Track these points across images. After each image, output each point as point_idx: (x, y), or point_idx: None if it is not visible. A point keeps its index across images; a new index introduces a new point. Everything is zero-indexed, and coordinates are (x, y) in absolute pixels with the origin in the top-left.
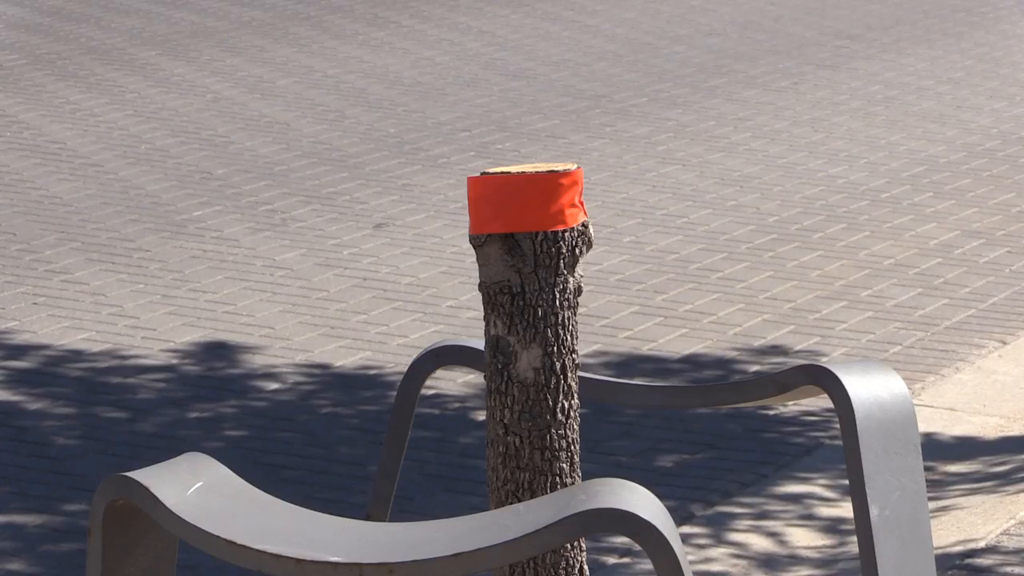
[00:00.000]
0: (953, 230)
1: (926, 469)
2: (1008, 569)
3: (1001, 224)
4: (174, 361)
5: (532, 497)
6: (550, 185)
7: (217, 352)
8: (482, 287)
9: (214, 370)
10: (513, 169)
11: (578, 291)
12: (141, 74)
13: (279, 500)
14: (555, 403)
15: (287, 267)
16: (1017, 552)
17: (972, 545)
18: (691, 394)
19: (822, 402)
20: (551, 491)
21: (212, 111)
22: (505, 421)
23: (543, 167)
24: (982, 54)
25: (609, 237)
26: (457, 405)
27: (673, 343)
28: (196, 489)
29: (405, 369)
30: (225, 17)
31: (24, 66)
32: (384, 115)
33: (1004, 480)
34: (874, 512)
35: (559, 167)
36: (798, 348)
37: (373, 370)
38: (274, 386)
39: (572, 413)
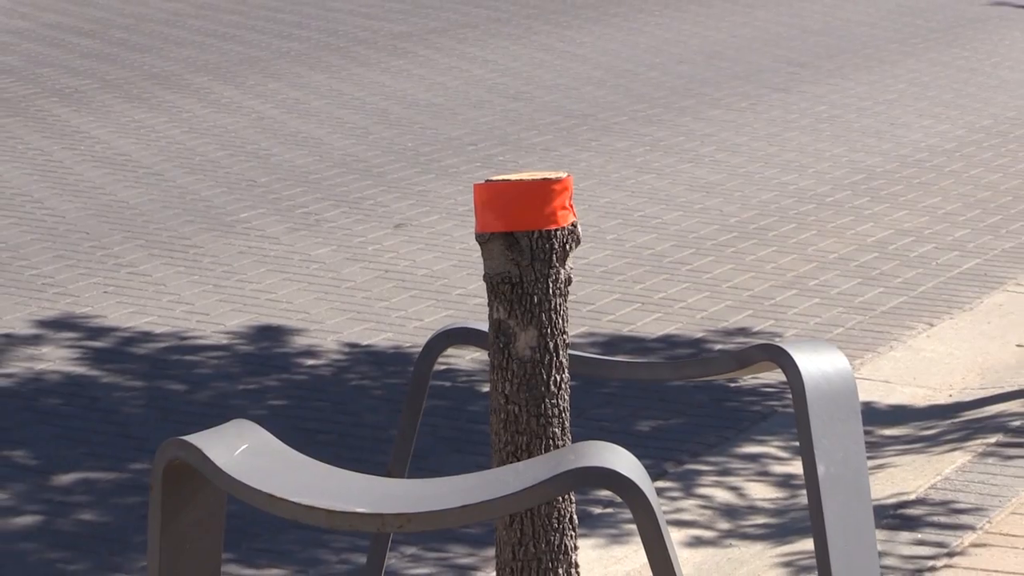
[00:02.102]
0: (888, 229)
1: (865, 433)
2: (934, 518)
3: (928, 224)
4: (224, 341)
5: (529, 457)
6: (544, 190)
7: (261, 334)
8: (486, 278)
9: (259, 349)
10: (512, 177)
11: (568, 281)
12: (195, 96)
13: (313, 460)
14: (548, 377)
15: (320, 261)
16: (942, 503)
17: (904, 497)
18: (664, 369)
19: (776, 376)
20: (545, 452)
21: (256, 128)
22: (506, 392)
23: (538, 175)
24: (913, 79)
25: (594, 235)
26: (465, 378)
27: (649, 326)
28: (242, 451)
29: (421, 348)
30: (267, 48)
31: (96, 89)
32: (403, 131)
33: (931, 442)
34: (821, 469)
35: (551, 175)
36: (756, 329)
37: (393, 349)
38: (310, 362)
39: (563, 385)
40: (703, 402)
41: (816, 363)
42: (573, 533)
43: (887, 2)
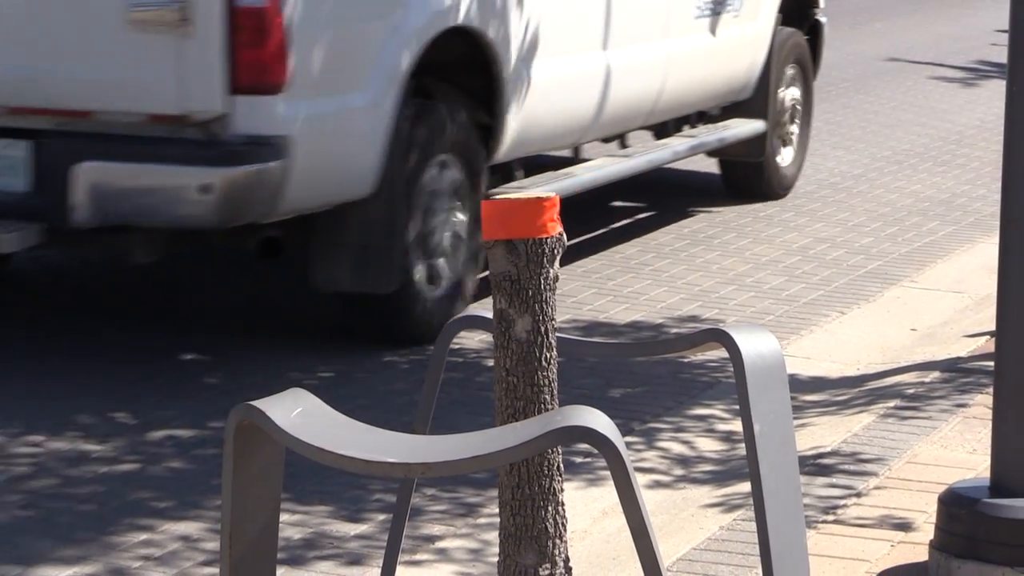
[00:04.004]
0: (808, 238)
1: (791, 398)
2: (844, 467)
3: (840, 233)
4: (284, 327)
5: (525, 418)
6: (536, 207)
7: (314, 323)
8: (491, 276)
9: (312, 330)
10: (511, 196)
11: (556, 279)
12: None
13: (353, 420)
14: (540, 354)
15: None
16: (851, 455)
17: (821, 450)
18: (631, 348)
19: (720, 353)
20: (538, 415)
21: None
22: (507, 366)
23: (532, 194)
24: (828, 119)
25: (577, 244)
26: (474, 355)
27: (619, 314)
28: (297, 413)
29: (439, 331)
30: None
31: None
32: None
33: (842, 406)
34: (756, 428)
35: (542, 195)
36: (704, 317)
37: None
38: (351, 342)
39: (552, 361)
40: (662, 374)
41: (752, 343)
42: (560, 478)
43: None
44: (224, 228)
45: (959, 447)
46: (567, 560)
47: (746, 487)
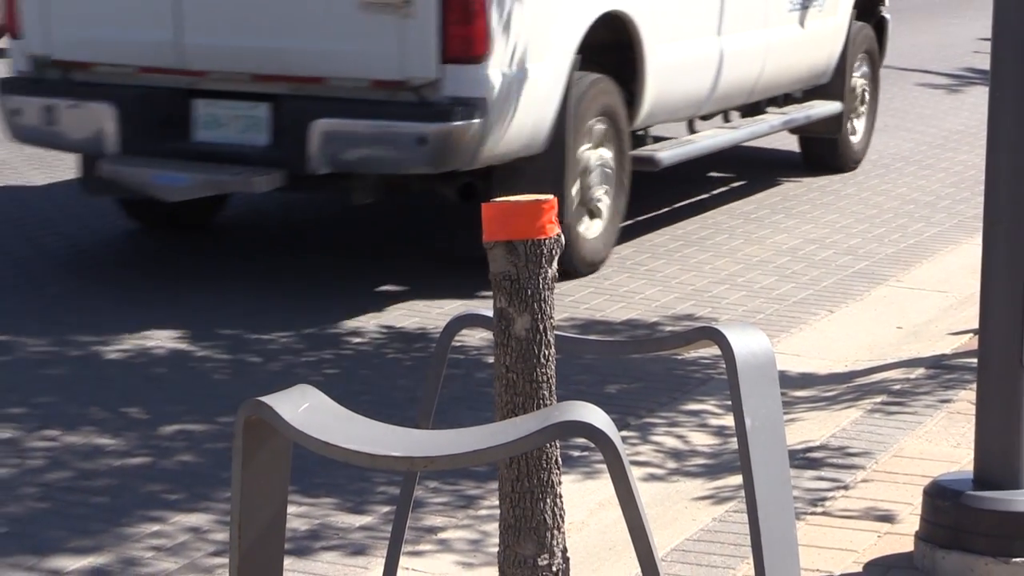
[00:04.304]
0: (798, 239)
1: (781, 394)
2: (832, 460)
3: (829, 235)
4: (291, 324)
5: (524, 414)
6: (535, 209)
7: (319, 318)
8: (492, 276)
9: (318, 330)
10: (511, 199)
11: (554, 278)
12: None
13: (358, 415)
14: (539, 352)
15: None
16: (839, 448)
17: (810, 444)
18: (627, 346)
19: (713, 351)
20: (536, 410)
21: None
22: (506, 363)
23: (531, 197)
24: None
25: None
26: (475, 352)
27: (615, 312)
28: (304, 408)
29: (442, 329)
30: None
31: None
32: None
33: (831, 402)
34: (748, 422)
35: (541, 197)
36: (697, 315)
37: (420, 330)
38: (356, 340)
39: (550, 358)
40: (656, 371)
41: (744, 341)
42: (558, 471)
43: None
44: (434, 174)
45: (943, 441)
46: (565, 551)
47: (737, 480)
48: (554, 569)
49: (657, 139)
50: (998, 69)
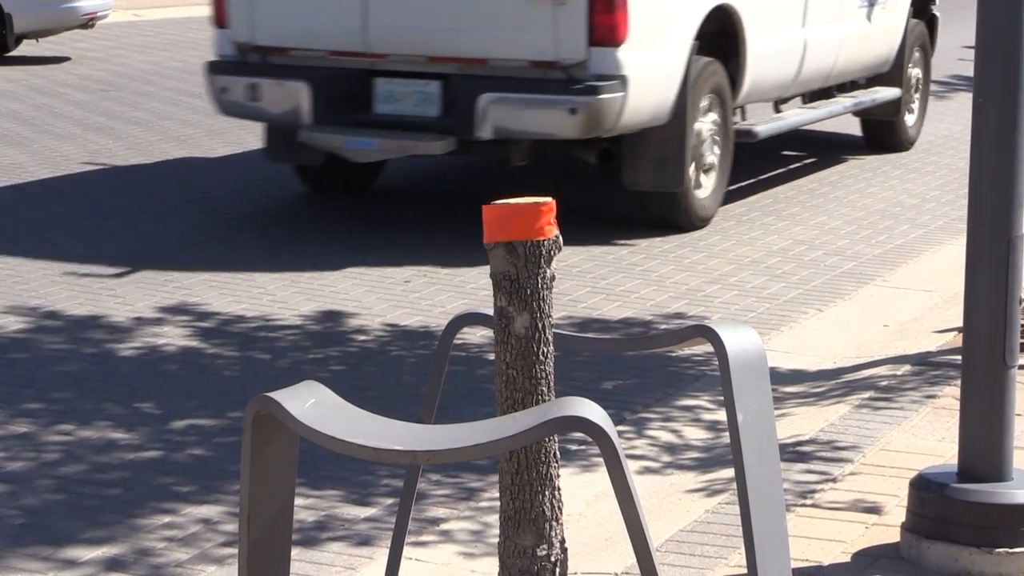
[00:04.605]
0: (788, 240)
1: (771, 390)
2: (821, 454)
3: (818, 236)
4: (299, 322)
5: (524, 409)
6: (534, 211)
7: (326, 316)
8: (492, 275)
9: (324, 328)
10: (511, 201)
11: (552, 278)
12: None
13: (363, 410)
14: (538, 349)
15: (369, 263)
16: (827, 443)
17: (799, 438)
18: (623, 343)
19: (705, 348)
20: (535, 405)
21: None
22: (507, 360)
23: (530, 200)
24: (806, 128)
25: (570, 245)
26: (476, 350)
27: (611, 311)
28: (311, 404)
29: (444, 327)
30: None
31: (203, 136)
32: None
33: (820, 397)
34: (740, 417)
35: (540, 200)
36: (690, 314)
37: (423, 328)
38: (361, 338)
39: (549, 355)
40: (651, 368)
41: (736, 338)
42: (556, 464)
43: None
44: (581, 139)
45: (929, 436)
46: (563, 541)
47: (730, 473)
48: (552, 559)
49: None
50: (982, 77)
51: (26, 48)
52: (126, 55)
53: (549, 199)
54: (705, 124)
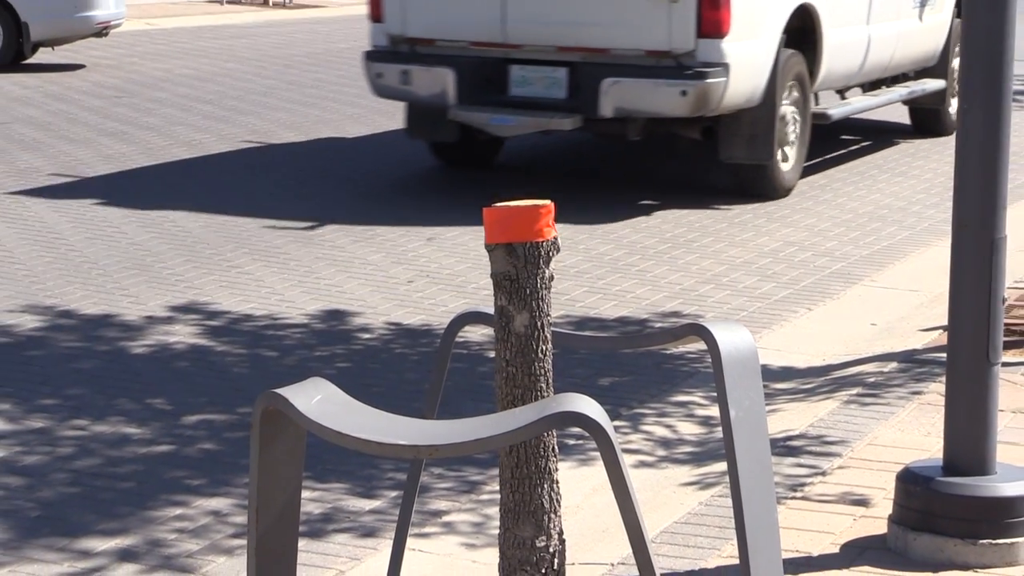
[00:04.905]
0: (778, 241)
1: (763, 386)
2: (811, 448)
3: (808, 237)
4: (305, 321)
5: (523, 405)
6: (534, 213)
7: (331, 316)
8: (493, 276)
9: (329, 327)
10: (511, 204)
11: (551, 278)
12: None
13: (368, 406)
14: (537, 347)
15: (374, 264)
16: (817, 437)
17: (790, 432)
18: (619, 341)
19: (699, 346)
20: (534, 401)
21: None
22: (507, 358)
23: (529, 202)
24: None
25: (569, 247)
26: (477, 348)
27: (608, 310)
28: (317, 400)
29: (446, 326)
30: (337, 112)
31: (214, 142)
32: (432, 172)
33: (809, 393)
34: (732, 413)
35: (539, 202)
36: (684, 313)
37: (425, 326)
38: (366, 336)
39: (547, 353)
40: (646, 365)
41: (729, 337)
42: (554, 458)
43: None
44: (688, 118)
45: (915, 431)
46: (561, 532)
47: (722, 466)
48: (551, 550)
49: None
50: (967, 85)
51: (42, 56)
52: (139, 62)
53: (548, 202)
54: (788, 107)
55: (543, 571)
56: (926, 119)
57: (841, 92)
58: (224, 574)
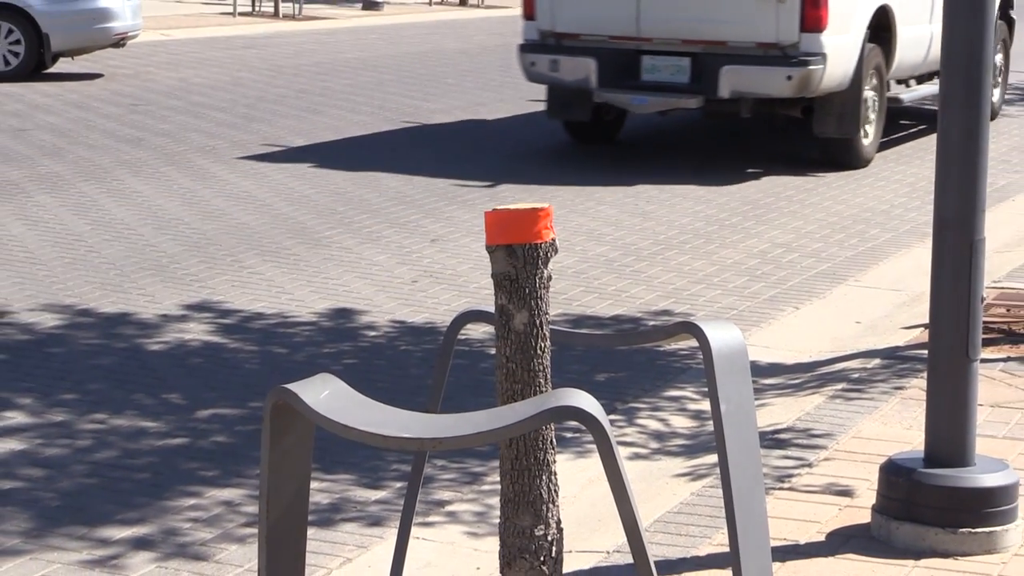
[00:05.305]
0: (767, 243)
1: (752, 382)
2: (798, 441)
3: (795, 239)
4: (314, 319)
5: (523, 399)
6: (533, 216)
7: (339, 314)
8: (493, 276)
9: (337, 325)
10: (511, 207)
11: (549, 278)
12: (294, 153)
13: (374, 401)
14: (535, 344)
15: (379, 264)
16: (803, 430)
17: (777, 426)
18: (614, 338)
19: (691, 343)
20: (533, 396)
21: (334, 171)
22: (507, 354)
23: (528, 206)
24: (785, 139)
25: (567, 248)
26: (479, 345)
27: (604, 309)
28: (326, 395)
29: (449, 323)
30: (341, 119)
31: (227, 148)
32: (439, 177)
33: (796, 388)
34: (723, 407)
35: (538, 206)
36: (676, 311)
37: (429, 324)
38: (372, 333)
39: (546, 349)
40: (641, 361)
41: (719, 334)
42: (552, 451)
43: None
44: (791, 99)
45: (897, 424)
46: (559, 521)
47: (713, 458)
48: (549, 538)
49: None
50: (947, 91)
51: (62, 65)
52: (154, 72)
53: (546, 205)
54: (869, 92)
55: (542, 558)
56: None
57: (905, 81)
58: (236, 561)
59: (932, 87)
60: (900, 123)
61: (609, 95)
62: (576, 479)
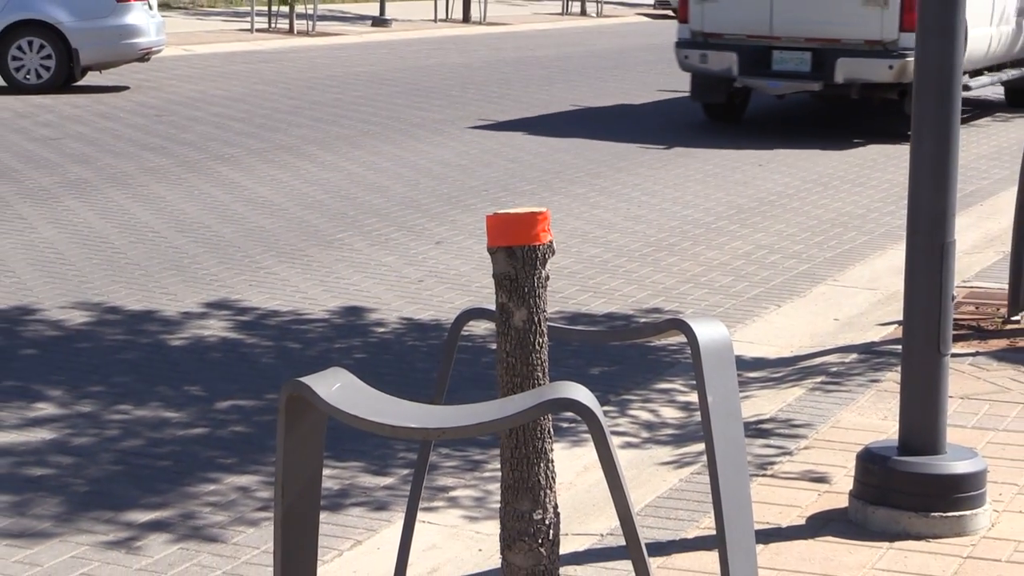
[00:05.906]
0: (751, 245)
1: (737, 375)
2: (780, 431)
3: (777, 241)
4: (326, 316)
5: (522, 392)
6: (531, 219)
7: (350, 311)
8: (494, 276)
9: (348, 322)
10: (511, 211)
11: (547, 278)
12: (308, 160)
13: (383, 393)
14: (534, 340)
15: (387, 265)
16: (785, 421)
17: (760, 416)
18: (608, 334)
19: (679, 339)
20: (532, 388)
21: (346, 180)
22: (507, 349)
23: (527, 209)
24: (776, 146)
25: (563, 250)
26: (481, 340)
27: (598, 307)
28: (337, 387)
29: (453, 320)
30: (354, 128)
31: (245, 155)
32: (441, 183)
33: (779, 381)
34: (710, 399)
35: (536, 209)
36: (667, 309)
37: (434, 321)
38: (380, 330)
39: (543, 345)
40: (632, 356)
41: (706, 330)
42: (550, 440)
43: None
44: (892, 84)
45: (873, 415)
46: (556, 507)
47: (700, 447)
48: (547, 522)
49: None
50: (920, 105)
51: (91, 79)
52: (177, 85)
53: (544, 209)
54: None
55: (540, 541)
56: (1019, 96)
57: (968, 74)
58: (252, 544)
59: (990, 78)
60: (880, 134)
61: (749, 80)
62: (572, 466)
